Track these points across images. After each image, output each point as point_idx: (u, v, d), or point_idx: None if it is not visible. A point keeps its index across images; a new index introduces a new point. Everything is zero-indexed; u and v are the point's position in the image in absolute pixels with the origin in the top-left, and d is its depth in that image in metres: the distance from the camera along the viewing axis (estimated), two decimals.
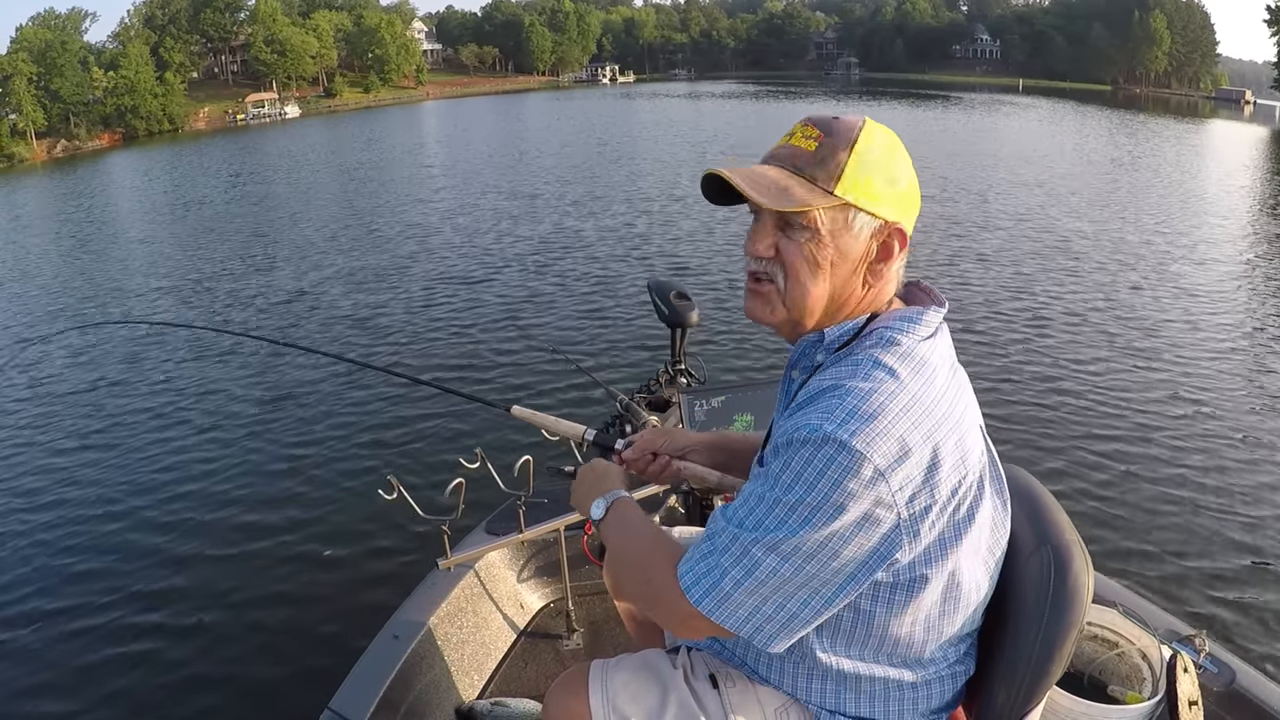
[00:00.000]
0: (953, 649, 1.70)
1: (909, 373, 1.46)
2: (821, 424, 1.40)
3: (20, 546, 6.67)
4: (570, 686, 1.93)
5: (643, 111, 63.87)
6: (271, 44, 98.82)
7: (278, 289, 14.50)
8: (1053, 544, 1.68)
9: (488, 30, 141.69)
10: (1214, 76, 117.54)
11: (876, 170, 1.51)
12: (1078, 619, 1.63)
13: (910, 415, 1.41)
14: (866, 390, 1.42)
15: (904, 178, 1.55)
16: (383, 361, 10.14)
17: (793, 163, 1.53)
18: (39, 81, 74.92)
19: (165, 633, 5.44)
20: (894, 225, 1.54)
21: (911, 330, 1.54)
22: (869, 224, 1.53)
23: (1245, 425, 7.70)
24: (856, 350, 1.54)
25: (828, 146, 1.51)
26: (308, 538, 6.47)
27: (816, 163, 1.51)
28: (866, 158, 1.50)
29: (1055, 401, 8.22)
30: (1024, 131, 41.31)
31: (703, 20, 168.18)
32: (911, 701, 1.69)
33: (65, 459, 8.26)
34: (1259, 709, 2.60)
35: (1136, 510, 6.30)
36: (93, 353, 11.62)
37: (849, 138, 1.51)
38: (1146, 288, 12.33)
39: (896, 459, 1.39)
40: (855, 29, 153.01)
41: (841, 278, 1.56)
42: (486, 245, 16.62)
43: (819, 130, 1.53)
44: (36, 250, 21.64)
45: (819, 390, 1.49)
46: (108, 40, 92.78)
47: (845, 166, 1.49)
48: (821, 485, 1.39)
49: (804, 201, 1.49)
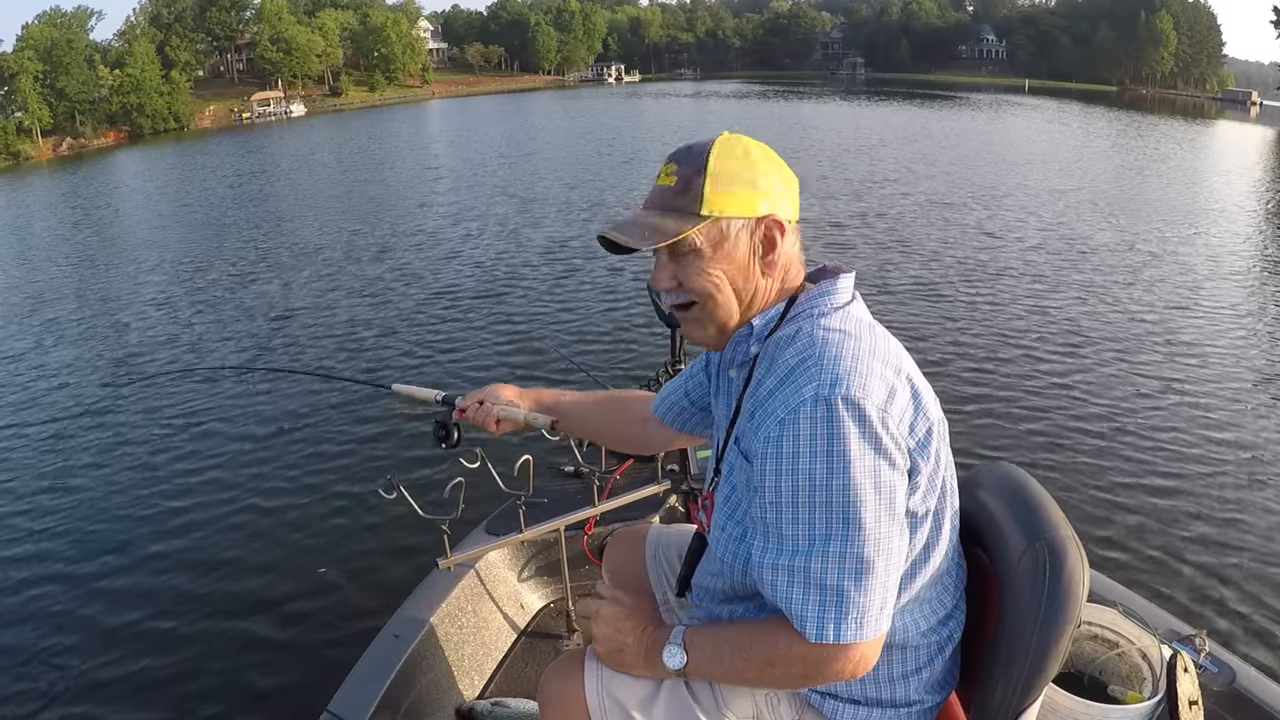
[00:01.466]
0: (943, 627, 1.75)
1: (855, 328, 1.62)
2: (812, 394, 1.49)
3: (19, 549, 6.69)
4: (565, 671, 1.94)
5: (649, 112, 63.88)
6: (277, 43, 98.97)
7: (293, 289, 14.59)
8: (1047, 539, 1.70)
9: (493, 29, 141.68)
10: (1220, 77, 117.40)
11: (733, 180, 1.65)
12: (1074, 614, 1.64)
13: (878, 358, 1.55)
14: (833, 353, 1.53)
15: (764, 175, 1.68)
16: (351, 369, 10.30)
17: (661, 202, 1.70)
18: (45, 79, 75.02)
19: (163, 635, 5.44)
20: (767, 218, 1.68)
21: (833, 298, 1.69)
22: (743, 226, 1.68)
23: (1246, 426, 7.70)
24: (793, 330, 1.66)
25: (684, 177, 1.67)
26: (308, 538, 6.48)
27: (679, 193, 1.67)
28: (721, 174, 1.65)
29: (1055, 400, 8.24)
30: (1031, 132, 41.28)
31: (708, 20, 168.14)
32: (904, 679, 1.73)
33: (57, 457, 8.33)
34: (1259, 709, 2.59)
35: (1136, 510, 6.31)
36: (87, 356, 11.73)
37: (700, 162, 1.65)
38: (1148, 288, 12.35)
39: (887, 397, 1.51)
40: (861, 29, 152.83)
41: (741, 278, 1.71)
42: (488, 248, 16.59)
43: (676, 164, 1.69)
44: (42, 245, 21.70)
45: (787, 371, 1.57)
46: (114, 39, 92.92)
47: (703, 189, 1.64)
48: (848, 450, 1.46)
49: (676, 232, 1.64)
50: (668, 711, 1.84)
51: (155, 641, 5.39)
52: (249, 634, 5.40)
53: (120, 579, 6.13)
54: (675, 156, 1.71)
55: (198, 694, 4.91)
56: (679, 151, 1.71)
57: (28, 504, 7.38)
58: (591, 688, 1.87)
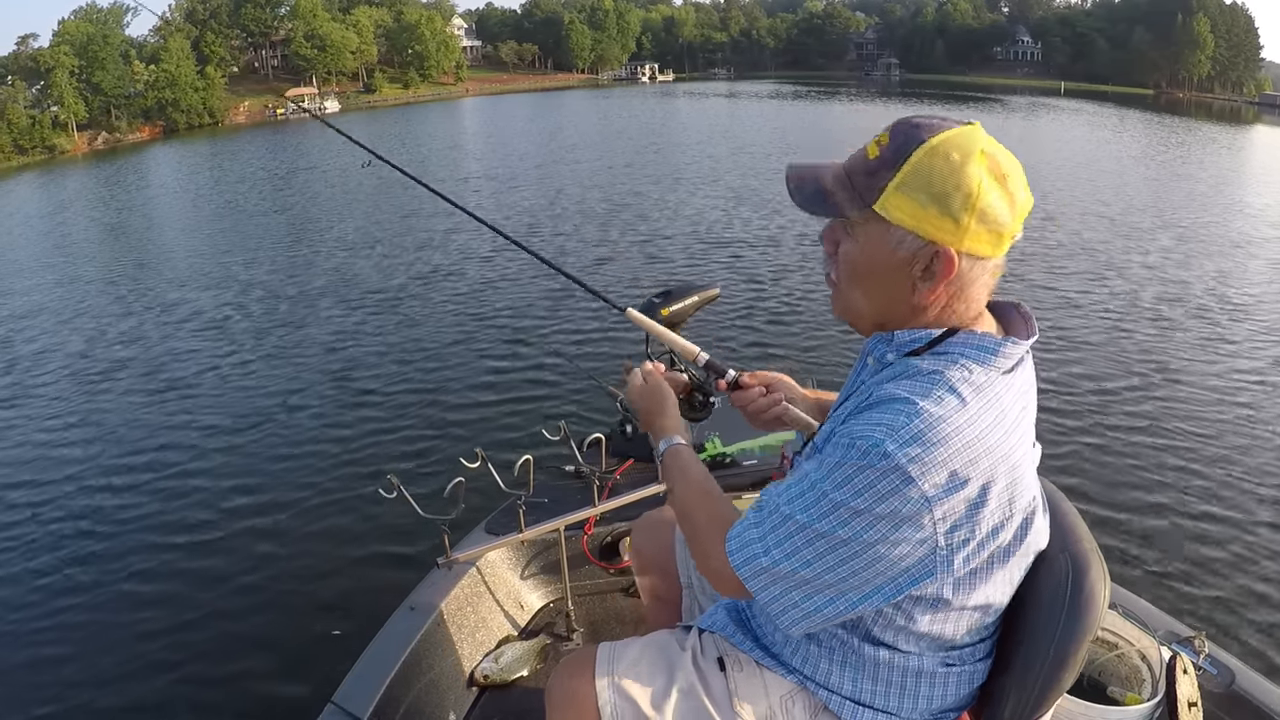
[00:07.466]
0: (982, 645, 1.71)
1: (979, 406, 1.44)
2: (884, 439, 1.40)
3: (18, 547, 6.77)
4: (574, 671, 1.94)
5: (682, 112, 63.81)
6: (312, 39, 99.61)
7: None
8: (1071, 552, 1.68)
9: (527, 27, 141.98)
10: (1258, 81, 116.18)
11: (924, 189, 1.44)
12: (1091, 628, 1.63)
13: (970, 450, 1.41)
14: (935, 416, 1.41)
15: (967, 196, 1.43)
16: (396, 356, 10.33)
17: (851, 168, 1.54)
18: (80, 74, 75.85)
19: (170, 630, 5.54)
20: (936, 247, 1.47)
21: (990, 362, 1.50)
22: (908, 241, 1.49)
23: (1247, 427, 7.73)
24: (931, 363, 1.51)
25: (884, 158, 1.48)
26: (309, 537, 6.57)
27: (868, 172, 1.50)
28: (917, 173, 1.45)
29: (1057, 403, 8.22)
30: (1071, 137, 41.13)
31: (742, 19, 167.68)
32: (927, 698, 1.70)
33: (63, 450, 8.47)
34: (1258, 710, 2.58)
35: (1136, 511, 6.34)
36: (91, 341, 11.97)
37: (907, 151, 1.46)
38: (1152, 289, 12.39)
39: (945, 490, 1.40)
40: (896, 30, 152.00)
41: (881, 289, 1.56)
42: (490, 252, 16.52)
43: (889, 138, 1.50)
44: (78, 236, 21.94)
45: (890, 397, 1.48)
46: (149, 34, 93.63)
47: (889, 181, 1.47)
48: (868, 496, 1.41)
49: (838, 210, 1.54)
50: (681, 709, 1.84)
51: (162, 636, 5.48)
52: (252, 629, 5.51)
53: (121, 577, 6.24)
54: (894, 127, 1.51)
55: (203, 686, 5.00)
56: (900, 124, 1.51)
57: (25, 505, 7.46)
58: (603, 684, 1.88)
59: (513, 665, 3.32)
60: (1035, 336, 1.58)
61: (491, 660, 3.35)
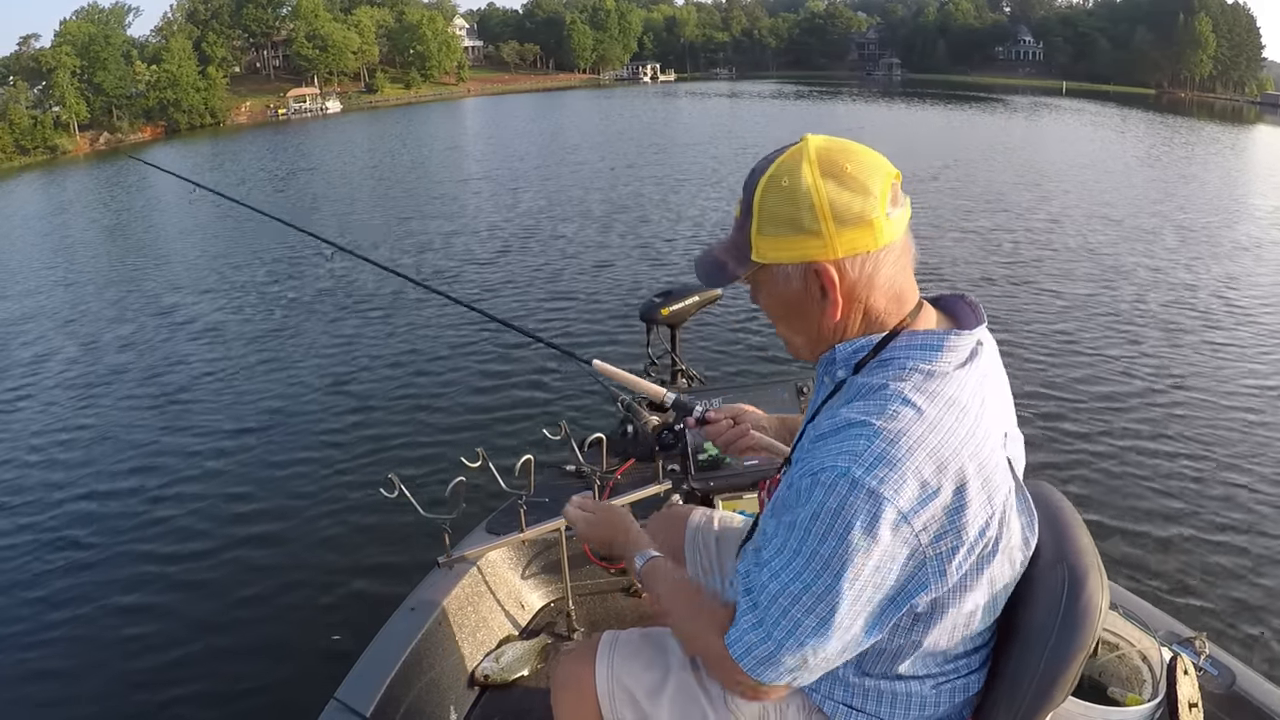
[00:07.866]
0: (976, 656, 1.71)
1: (936, 412, 1.45)
2: (849, 466, 1.41)
3: (17, 544, 6.79)
4: (578, 658, 2.02)
5: (684, 112, 63.70)
6: (313, 39, 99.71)
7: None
8: (1069, 562, 1.66)
9: (528, 28, 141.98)
10: (1259, 81, 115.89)
11: (776, 222, 1.51)
12: (1086, 642, 1.60)
13: (935, 457, 1.42)
14: (894, 433, 1.42)
15: (811, 210, 1.47)
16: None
17: (731, 235, 1.63)
18: (82, 75, 76.01)
19: (174, 628, 5.57)
20: (815, 266, 1.51)
21: (936, 359, 1.51)
22: (792, 273, 1.55)
23: (1247, 428, 7.72)
24: (880, 377, 1.52)
25: (743, 213, 1.57)
26: (310, 537, 6.59)
27: (739, 228, 1.59)
28: (765, 211, 1.52)
29: (1059, 404, 8.23)
30: (1074, 138, 40.96)
31: (744, 19, 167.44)
32: (919, 708, 1.70)
33: (61, 450, 8.49)
34: (1259, 711, 2.57)
35: (1138, 512, 6.34)
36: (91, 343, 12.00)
37: (751, 195, 1.54)
38: (1158, 293, 12.35)
39: (919, 501, 1.41)
40: (897, 29, 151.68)
41: (801, 322, 1.63)
42: (492, 254, 16.55)
43: (742, 192, 1.58)
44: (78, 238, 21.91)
45: (846, 423, 1.48)
46: (150, 34, 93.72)
47: (752, 232, 1.55)
48: (852, 536, 1.41)
49: (733, 275, 1.62)
50: (674, 702, 1.88)
51: (165, 635, 5.50)
52: (256, 627, 5.54)
53: (127, 576, 6.25)
54: (746, 181, 1.57)
55: (208, 684, 5.02)
56: (750, 174, 1.57)
57: (24, 508, 7.47)
58: (603, 673, 1.95)
59: (513, 665, 3.32)
60: (984, 323, 1.61)
61: (492, 660, 3.35)
